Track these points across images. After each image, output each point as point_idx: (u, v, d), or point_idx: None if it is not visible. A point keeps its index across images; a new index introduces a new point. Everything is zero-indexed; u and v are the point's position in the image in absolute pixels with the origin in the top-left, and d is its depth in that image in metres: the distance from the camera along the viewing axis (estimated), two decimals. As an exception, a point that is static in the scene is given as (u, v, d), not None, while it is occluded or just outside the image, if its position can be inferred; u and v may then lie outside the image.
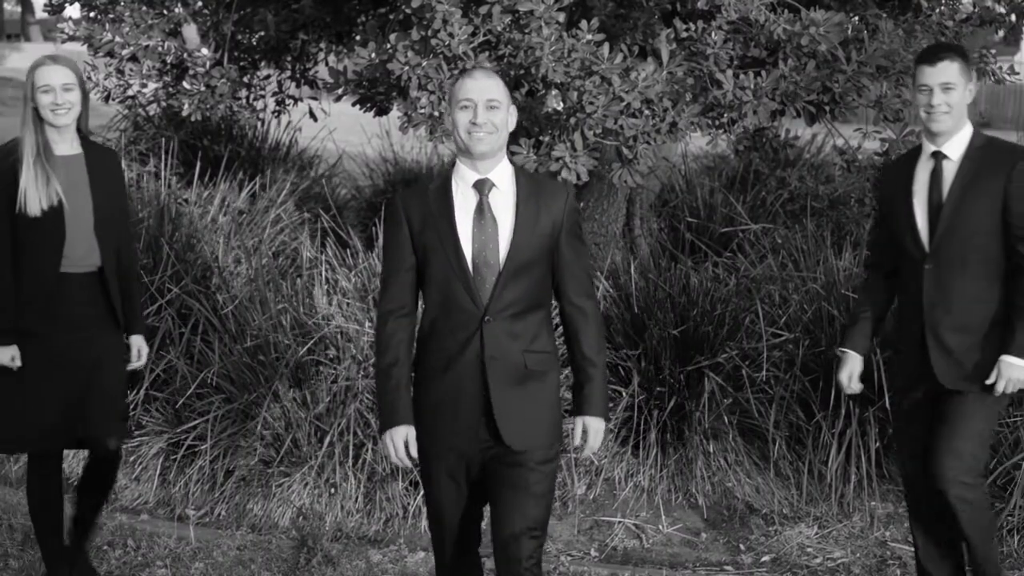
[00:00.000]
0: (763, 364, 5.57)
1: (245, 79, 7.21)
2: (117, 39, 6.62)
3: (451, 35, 5.29)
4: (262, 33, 7.27)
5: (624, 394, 5.63)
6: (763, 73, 5.81)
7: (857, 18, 6.52)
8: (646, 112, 5.51)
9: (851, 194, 7.79)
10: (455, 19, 5.28)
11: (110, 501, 5.18)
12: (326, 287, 5.96)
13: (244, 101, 7.12)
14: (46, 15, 8.15)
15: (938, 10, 6.66)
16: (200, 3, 7.45)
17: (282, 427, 5.43)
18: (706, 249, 6.99)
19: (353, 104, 6.29)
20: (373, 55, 5.63)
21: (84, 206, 4.33)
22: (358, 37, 7.03)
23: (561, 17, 5.41)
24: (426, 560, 4.97)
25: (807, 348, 5.61)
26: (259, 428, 5.43)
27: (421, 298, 3.68)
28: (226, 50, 7.08)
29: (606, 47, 5.43)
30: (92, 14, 7.00)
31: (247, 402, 5.51)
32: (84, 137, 4.44)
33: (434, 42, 5.32)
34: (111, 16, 6.83)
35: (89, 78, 6.59)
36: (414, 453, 3.60)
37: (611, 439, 5.63)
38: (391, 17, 6.39)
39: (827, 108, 6.04)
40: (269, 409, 5.44)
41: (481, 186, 3.58)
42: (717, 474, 5.55)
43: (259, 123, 7.99)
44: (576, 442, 3.68)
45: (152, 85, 7.12)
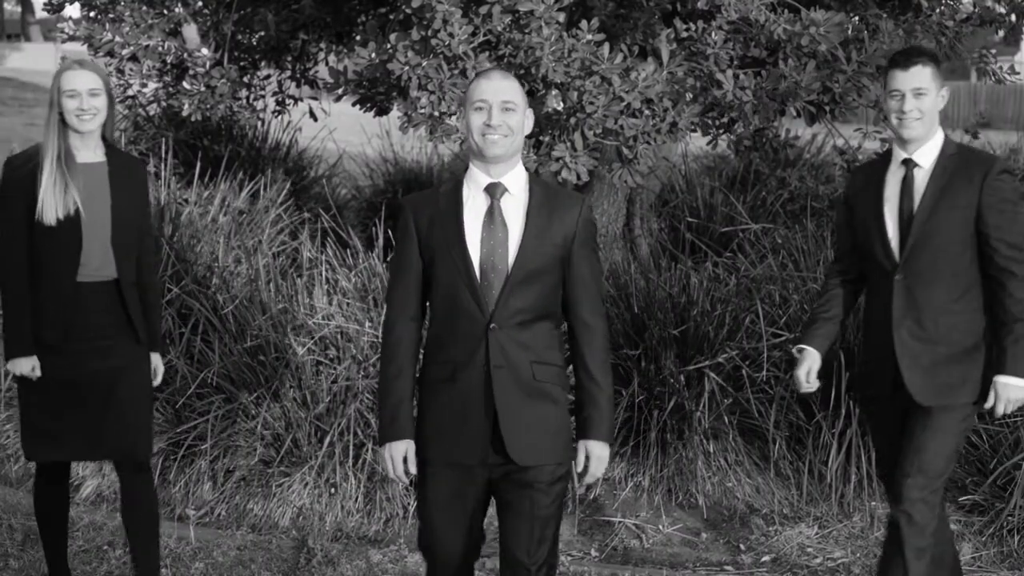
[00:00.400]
0: (763, 364, 5.57)
1: (245, 79, 7.22)
2: (117, 39, 6.61)
3: (451, 35, 5.29)
4: (262, 33, 7.26)
5: (624, 394, 5.63)
6: (763, 73, 5.81)
7: (857, 18, 6.53)
8: (646, 112, 5.51)
9: (851, 194, 7.79)
10: (455, 19, 5.29)
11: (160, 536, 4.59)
12: (326, 287, 5.95)
13: (244, 101, 7.12)
14: (46, 15, 8.14)
15: (938, 10, 6.66)
16: (200, 3, 7.45)
17: (282, 427, 5.43)
18: (706, 249, 6.98)
19: (353, 104, 6.29)
20: (373, 55, 5.63)
21: (103, 215, 4.21)
22: (358, 37, 7.03)
23: (561, 17, 5.42)
24: (426, 560, 4.97)
25: (807, 348, 5.61)
26: (259, 428, 5.43)
27: (428, 308, 3.58)
28: (226, 50, 7.08)
29: (606, 47, 5.43)
30: (92, 14, 6.98)
31: (247, 402, 5.51)
32: (109, 145, 4.31)
33: (434, 42, 5.32)
34: (111, 16, 6.82)
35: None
36: (412, 469, 3.48)
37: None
38: (391, 17, 6.40)
39: (827, 108, 6.05)
40: (269, 409, 5.44)
41: (493, 190, 3.46)
42: (717, 474, 5.54)
43: (259, 123, 7.98)
44: (578, 468, 3.51)
45: (152, 85, 7.12)
